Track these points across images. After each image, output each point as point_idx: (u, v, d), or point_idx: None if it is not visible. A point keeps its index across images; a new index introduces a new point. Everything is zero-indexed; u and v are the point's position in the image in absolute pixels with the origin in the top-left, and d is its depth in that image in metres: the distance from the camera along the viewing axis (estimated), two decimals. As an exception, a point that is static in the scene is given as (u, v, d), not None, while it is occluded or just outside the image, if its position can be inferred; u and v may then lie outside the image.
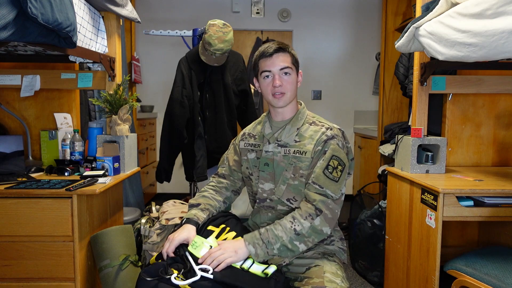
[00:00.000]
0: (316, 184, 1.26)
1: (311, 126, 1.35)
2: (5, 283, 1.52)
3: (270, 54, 1.30)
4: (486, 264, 1.47)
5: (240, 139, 1.51)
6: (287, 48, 1.33)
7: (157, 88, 4.21)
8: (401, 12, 3.18)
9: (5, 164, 1.76)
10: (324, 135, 1.31)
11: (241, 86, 2.64)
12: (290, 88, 1.32)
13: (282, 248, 1.21)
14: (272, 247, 1.20)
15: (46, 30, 1.24)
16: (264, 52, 1.31)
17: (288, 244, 1.21)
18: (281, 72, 1.30)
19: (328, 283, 1.18)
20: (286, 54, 1.31)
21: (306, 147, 1.31)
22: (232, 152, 1.54)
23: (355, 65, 4.30)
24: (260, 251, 1.20)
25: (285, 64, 1.30)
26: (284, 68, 1.30)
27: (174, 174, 2.76)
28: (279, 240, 1.21)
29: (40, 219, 1.49)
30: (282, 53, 1.30)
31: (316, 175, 1.27)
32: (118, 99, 1.82)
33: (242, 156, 1.47)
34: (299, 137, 1.34)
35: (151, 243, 1.75)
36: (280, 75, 1.30)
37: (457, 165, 2.10)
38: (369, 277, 2.37)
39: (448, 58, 1.42)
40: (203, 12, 4.15)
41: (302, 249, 1.23)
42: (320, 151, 1.29)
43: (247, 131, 1.51)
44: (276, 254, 1.22)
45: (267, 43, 1.36)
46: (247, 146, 1.45)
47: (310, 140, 1.32)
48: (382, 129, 3.18)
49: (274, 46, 1.31)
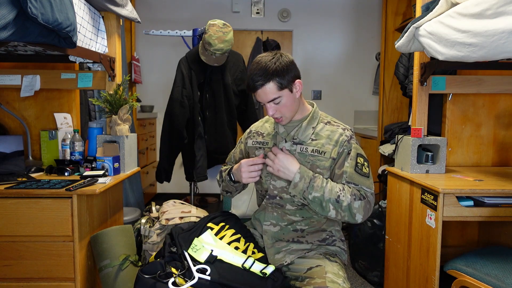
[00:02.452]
0: (351, 183, 1.29)
1: (327, 126, 1.37)
2: (5, 283, 1.52)
3: (254, 90, 1.26)
4: (486, 264, 1.47)
5: (247, 137, 1.51)
6: (270, 78, 1.23)
7: (157, 88, 4.21)
8: (401, 12, 3.18)
9: (5, 164, 1.76)
10: (344, 135, 1.34)
11: (241, 86, 2.64)
12: (286, 110, 1.30)
13: (317, 200, 1.25)
14: (311, 192, 1.24)
15: (46, 30, 1.24)
16: (249, 87, 1.28)
17: (324, 202, 1.25)
18: (271, 103, 1.28)
19: (330, 284, 1.18)
20: (270, 85, 1.23)
21: (324, 147, 1.33)
22: (238, 150, 1.55)
23: (355, 65, 4.30)
24: (301, 185, 1.25)
25: (272, 96, 1.25)
26: (273, 100, 1.26)
27: (174, 174, 2.76)
28: (320, 192, 1.24)
29: (40, 219, 1.49)
30: (266, 85, 1.23)
31: (349, 174, 1.29)
32: (118, 99, 1.82)
33: (250, 154, 1.47)
34: (315, 135, 1.35)
35: (151, 243, 1.75)
36: (271, 105, 1.28)
37: (457, 165, 2.10)
38: (369, 277, 2.37)
39: (448, 58, 1.42)
40: (203, 12, 4.15)
41: (330, 215, 1.26)
42: (344, 152, 1.32)
43: (254, 128, 1.51)
44: (308, 200, 1.26)
45: (255, 64, 1.27)
46: (255, 144, 1.45)
47: (328, 140, 1.34)
48: (382, 129, 3.18)
49: (255, 84, 1.24)
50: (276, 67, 1.23)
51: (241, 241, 1.31)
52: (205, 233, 1.29)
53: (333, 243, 1.40)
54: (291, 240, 1.36)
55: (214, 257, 1.20)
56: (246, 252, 1.28)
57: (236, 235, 1.33)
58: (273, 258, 1.34)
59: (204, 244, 1.24)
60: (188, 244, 1.24)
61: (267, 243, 1.37)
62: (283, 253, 1.34)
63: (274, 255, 1.34)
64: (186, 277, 1.12)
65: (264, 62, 1.24)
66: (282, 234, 1.37)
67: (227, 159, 1.60)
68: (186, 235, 1.29)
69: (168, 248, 1.26)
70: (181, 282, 1.10)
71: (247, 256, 1.25)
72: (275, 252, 1.35)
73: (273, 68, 1.22)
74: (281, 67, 1.23)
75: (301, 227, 1.36)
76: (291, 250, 1.35)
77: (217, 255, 1.21)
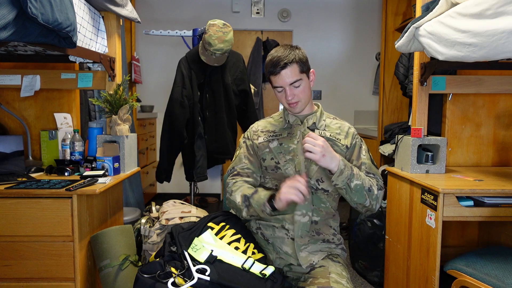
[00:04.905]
0: (370, 174, 1.37)
1: (334, 120, 1.46)
2: (5, 283, 1.52)
3: (277, 72, 1.31)
4: (486, 264, 1.47)
5: (254, 138, 1.45)
6: (294, 58, 1.30)
7: (157, 88, 4.21)
8: (401, 12, 3.18)
9: (5, 164, 1.76)
10: (353, 129, 1.45)
11: (241, 86, 2.64)
12: (303, 96, 1.36)
13: (359, 188, 1.28)
14: (353, 180, 1.27)
15: (46, 30, 1.24)
16: (271, 69, 1.32)
17: (364, 190, 1.29)
18: (291, 86, 1.32)
19: (334, 284, 1.18)
20: (293, 66, 1.30)
21: (339, 135, 1.40)
22: (245, 150, 1.46)
23: (355, 65, 4.31)
24: (346, 172, 1.26)
25: (294, 78, 1.31)
26: (294, 82, 1.32)
27: (174, 174, 2.76)
28: (360, 180, 1.28)
29: (40, 219, 1.49)
30: (289, 67, 1.30)
31: (368, 165, 1.37)
32: (118, 99, 1.82)
33: (263, 150, 1.41)
34: (325, 126, 1.43)
35: (151, 243, 1.75)
36: (291, 88, 1.33)
37: (457, 165, 2.10)
38: (369, 277, 2.37)
39: (448, 58, 1.42)
40: (203, 12, 4.15)
41: (366, 204, 1.31)
42: (357, 144, 1.40)
43: (261, 128, 1.47)
44: (349, 188, 1.27)
45: (275, 52, 1.34)
46: (268, 138, 1.42)
47: (339, 131, 1.42)
48: (382, 129, 3.18)
49: (280, 63, 1.29)
50: (296, 53, 1.33)
51: (241, 241, 1.31)
52: (206, 233, 1.29)
53: (339, 246, 1.40)
54: (312, 234, 1.35)
55: (214, 257, 1.20)
56: (246, 252, 1.28)
57: (237, 235, 1.32)
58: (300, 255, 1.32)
59: (204, 244, 1.24)
60: (188, 244, 1.24)
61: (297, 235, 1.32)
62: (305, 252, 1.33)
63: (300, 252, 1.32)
64: (185, 277, 1.12)
65: (283, 49, 1.33)
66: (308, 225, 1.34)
67: (235, 161, 1.46)
68: (186, 234, 1.28)
69: (168, 247, 1.26)
70: (181, 282, 1.10)
71: (247, 256, 1.24)
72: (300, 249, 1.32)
73: (295, 53, 1.33)
74: (301, 53, 1.34)
75: (314, 218, 1.35)
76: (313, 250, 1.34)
77: (217, 255, 1.20)
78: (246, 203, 1.31)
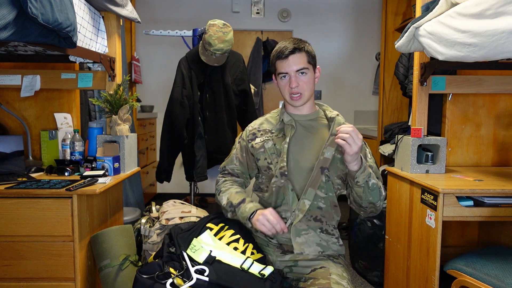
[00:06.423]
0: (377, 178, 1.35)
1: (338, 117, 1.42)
2: (5, 283, 1.52)
3: (285, 56, 1.30)
4: (486, 264, 1.47)
5: (250, 138, 1.45)
6: (304, 47, 1.32)
7: (157, 88, 4.21)
8: (401, 12, 3.18)
9: (5, 164, 1.76)
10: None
11: (241, 86, 2.64)
12: (307, 88, 1.34)
13: (376, 187, 1.27)
14: (371, 178, 1.26)
15: (46, 30, 1.24)
16: (280, 54, 1.31)
17: (379, 189, 1.29)
18: (297, 73, 1.31)
19: (335, 285, 1.18)
20: (302, 54, 1.31)
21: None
22: (238, 151, 1.50)
23: (355, 65, 4.30)
24: (368, 170, 1.25)
25: (301, 65, 1.30)
26: (300, 70, 1.31)
27: (174, 174, 2.76)
28: (375, 179, 1.28)
29: (40, 219, 1.49)
30: (298, 53, 1.30)
31: (374, 169, 1.36)
32: (118, 99, 1.82)
33: (258, 150, 1.41)
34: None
35: (151, 243, 1.75)
36: (297, 76, 1.32)
37: (457, 165, 2.10)
38: (369, 277, 2.37)
39: (448, 58, 1.42)
40: (203, 12, 4.15)
41: (378, 203, 1.31)
42: (363, 148, 1.36)
43: (257, 126, 1.47)
44: (366, 186, 1.25)
45: (284, 42, 1.34)
46: (264, 138, 1.42)
47: None
48: (382, 129, 3.18)
49: (290, 47, 1.30)
50: (306, 45, 1.35)
51: (240, 241, 1.31)
52: (204, 234, 1.29)
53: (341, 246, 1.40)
54: (314, 219, 1.34)
55: (212, 258, 1.19)
56: (245, 252, 1.28)
57: (235, 236, 1.32)
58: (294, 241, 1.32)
59: (203, 245, 1.23)
60: (187, 245, 1.24)
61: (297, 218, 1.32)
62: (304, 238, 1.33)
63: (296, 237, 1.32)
64: (184, 278, 1.12)
65: (294, 39, 1.34)
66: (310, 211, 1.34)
67: (227, 161, 1.53)
68: (185, 235, 1.29)
69: (166, 248, 1.26)
70: (179, 283, 1.10)
71: (246, 257, 1.24)
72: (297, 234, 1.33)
73: (305, 44, 1.34)
74: (311, 47, 1.36)
75: (320, 204, 1.35)
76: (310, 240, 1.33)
77: (215, 256, 1.20)
78: (231, 209, 1.38)
